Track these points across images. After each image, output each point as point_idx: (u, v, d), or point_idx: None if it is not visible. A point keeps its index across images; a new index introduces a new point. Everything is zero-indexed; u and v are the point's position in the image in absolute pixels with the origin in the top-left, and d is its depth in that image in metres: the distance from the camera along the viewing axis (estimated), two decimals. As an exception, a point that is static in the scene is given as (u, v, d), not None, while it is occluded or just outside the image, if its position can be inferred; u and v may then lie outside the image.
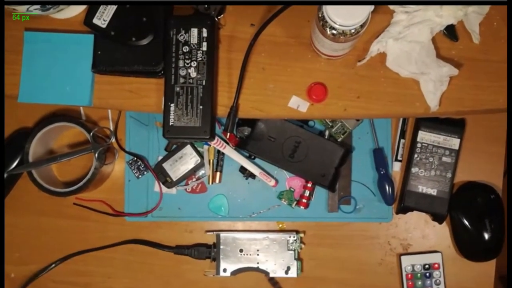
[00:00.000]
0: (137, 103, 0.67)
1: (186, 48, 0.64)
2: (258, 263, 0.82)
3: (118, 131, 0.84)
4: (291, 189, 0.83)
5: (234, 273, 0.81)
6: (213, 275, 0.82)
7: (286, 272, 0.81)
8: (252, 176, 0.83)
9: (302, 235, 0.82)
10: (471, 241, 0.80)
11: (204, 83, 0.63)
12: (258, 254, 0.82)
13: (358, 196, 0.83)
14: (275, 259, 0.82)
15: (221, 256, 0.82)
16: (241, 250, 0.82)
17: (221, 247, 0.82)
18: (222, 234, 0.82)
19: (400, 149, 0.83)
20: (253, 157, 0.81)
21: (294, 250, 0.81)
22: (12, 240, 0.83)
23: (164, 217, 0.83)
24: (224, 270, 0.81)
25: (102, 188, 0.84)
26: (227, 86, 0.66)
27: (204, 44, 0.64)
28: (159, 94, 0.66)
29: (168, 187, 0.82)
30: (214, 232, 0.82)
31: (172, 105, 0.63)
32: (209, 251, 0.82)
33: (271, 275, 0.81)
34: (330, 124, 0.81)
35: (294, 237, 0.81)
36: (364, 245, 0.84)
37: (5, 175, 0.80)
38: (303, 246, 0.82)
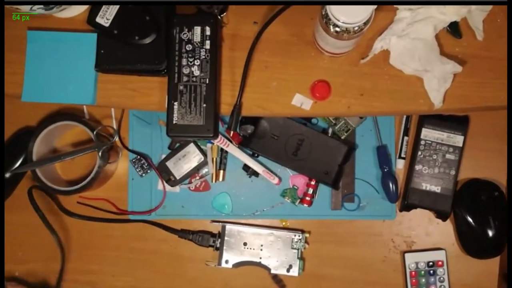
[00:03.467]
0: (140, 101, 0.67)
1: (189, 47, 0.64)
2: (260, 258, 0.82)
3: (122, 129, 0.84)
4: (295, 187, 0.83)
5: (236, 265, 0.81)
6: (215, 265, 0.82)
7: (288, 270, 0.81)
8: (256, 174, 0.83)
9: (307, 235, 0.82)
10: (475, 238, 0.80)
11: (207, 81, 0.63)
12: (261, 249, 0.82)
13: (362, 194, 0.83)
14: (278, 256, 0.82)
15: (224, 247, 0.81)
16: (245, 244, 0.82)
17: (226, 238, 0.82)
18: (228, 226, 0.82)
19: (404, 146, 0.83)
20: (256, 155, 0.81)
21: (298, 249, 0.81)
22: (15, 239, 0.83)
23: (168, 215, 0.83)
24: (226, 262, 0.81)
25: (106, 186, 0.84)
26: (230, 85, 0.66)
27: (207, 42, 0.64)
28: (163, 93, 0.66)
29: (172, 186, 0.82)
30: (220, 223, 0.82)
31: (176, 103, 0.63)
32: (213, 240, 0.82)
33: (272, 271, 0.81)
34: (334, 122, 0.81)
35: (299, 236, 0.81)
36: (367, 242, 0.84)
37: (9, 174, 0.80)
38: (307, 246, 0.82)
